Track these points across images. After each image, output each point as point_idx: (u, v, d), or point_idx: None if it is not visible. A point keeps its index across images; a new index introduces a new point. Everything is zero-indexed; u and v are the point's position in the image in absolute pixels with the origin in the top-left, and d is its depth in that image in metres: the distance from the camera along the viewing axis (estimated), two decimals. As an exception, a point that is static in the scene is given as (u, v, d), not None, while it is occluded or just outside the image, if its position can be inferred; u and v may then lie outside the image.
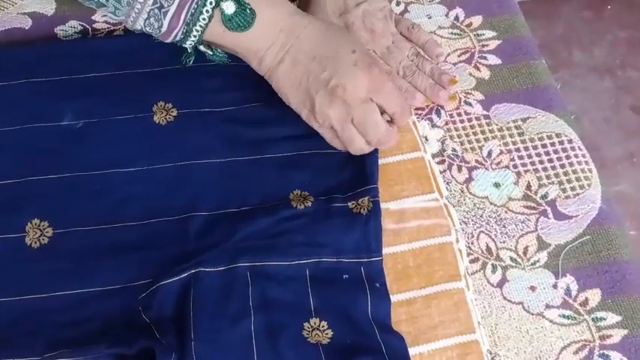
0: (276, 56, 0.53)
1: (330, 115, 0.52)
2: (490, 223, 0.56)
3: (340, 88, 0.51)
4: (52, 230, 0.53)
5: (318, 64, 0.52)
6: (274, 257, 0.51)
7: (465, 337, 0.50)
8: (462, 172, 0.58)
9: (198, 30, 0.51)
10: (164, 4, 0.50)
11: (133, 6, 0.50)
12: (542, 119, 0.61)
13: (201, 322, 0.48)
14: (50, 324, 0.50)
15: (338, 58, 0.52)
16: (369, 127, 0.53)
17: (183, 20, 0.50)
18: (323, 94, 0.52)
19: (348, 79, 0.51)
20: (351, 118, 0.52)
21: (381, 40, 0.62)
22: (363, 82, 0.52)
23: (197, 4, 0.50)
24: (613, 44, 1.59)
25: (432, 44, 0.63)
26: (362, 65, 0.52)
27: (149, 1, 0.50)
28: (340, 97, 0.51)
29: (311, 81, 0.52)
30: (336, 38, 0.54)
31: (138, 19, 0.51)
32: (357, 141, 0.53)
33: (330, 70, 0.52)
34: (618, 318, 0.51)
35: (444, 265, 0.53)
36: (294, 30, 0.53)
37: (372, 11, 0.61)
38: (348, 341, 0.49)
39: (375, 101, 0.53)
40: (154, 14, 0.50)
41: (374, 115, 0.52)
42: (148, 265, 0.52)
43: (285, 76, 0.53)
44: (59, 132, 0.58)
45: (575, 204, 0.57)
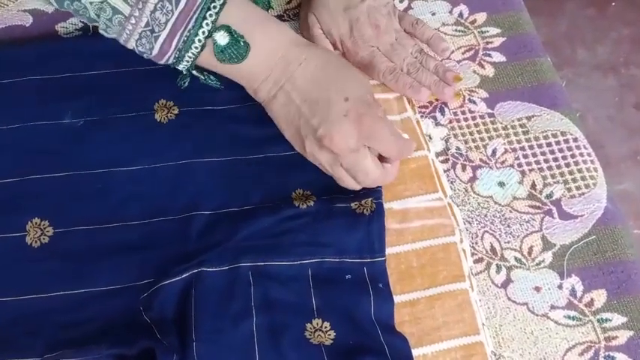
0: (269, 91, 0.53)
1: (320, 159, 0.52)
2: (494, 222, 0.55)
3: (327, 138, 0.50)
4: (52, 229, 0.53)
5: (309, 107, 0.51)
6: (277, 257, 0.51)
7: (469, 338, 0.49)
8: (466, 171, 0.58)
9: (190, 57, 0.50)
10: (155, 29, 0.48)
11: (125, 26, 0.48)
12: (547, 117, 0.60)
13: (202, 322, 0.48)
14: (51, 324, 0.50)
15: (329, 105, 0.50)
16: (359, 174, 0.52)
17: (175, 46, 0.49)
18: (311, 140, 0.51)
19: (335, 130, 0.50)
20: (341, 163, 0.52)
21: (385, 36, 0.61)
22: (352, 134, 0.50)
23: (189, 32, 0.49)
24: (617, 42, 1.59)
25: (437, 39, 0.62)
26: (352, 116, 0.50)
27: (141, 23, 0.48)
28: (327, 147, 0.50)
29: (302, 123, 0.52)
30: (331, 80, 0.52)
31: (130, 39, 0.49)
32: (346, 181, 0.53)
33: (319, 118, 0.50)
34: (624, 319, 0.51)
35: (447, 266, 0.52)
36: (289, 65, 0.52)
37: (376, 7, 0.60)
38: (351, 342, 0.48)
39: (369, 146, 0.52)
40: (145, 36, 0.49)
41: (363, 163, 0.51)
42: (150, 265, 0.52)
43: (279, 112, 0.53)
44: (60, 130, 0.58)
45: (580, 203, 0.56)
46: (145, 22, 0.48)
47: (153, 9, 0.47)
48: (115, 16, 0.48)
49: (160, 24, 0.48)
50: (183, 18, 0.48)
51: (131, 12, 0.47)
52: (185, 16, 0.48)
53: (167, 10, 0.47)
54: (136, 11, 0.47)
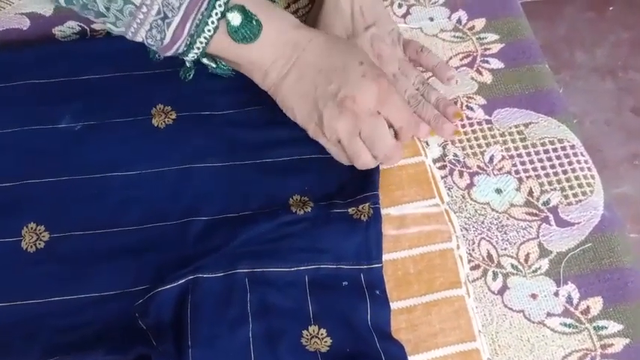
0: (281, 70, 0.52)
1: (338, 128, 0.51)
2: (491, 229, 0.55)
3: (349, 99, 0.50)
4: (48, 234, 0.53)
5: (325, 76, 0.51)
6: (274, 263, 0.51)
7: (466, 345, 0.49)
8: (463, 178, 0.58)
9: (202, 42, 0.50)
10: (168, 15, 0.48)
11: (136, 16, 0.48)
12: (545, 124, 0.60)
13: (198, 328, 0.48)
14: (46, 329, 0.49)
15: (346, 69, 0.51)
16: (377, 141, 0.52)
17: (188, 31, 0.49)
18: (331, 107, 0.51)
19: (357, 90, 0.50)
20: (359, 132, 0.51)
21: (388, 66, 0.60)
22: (372, 93, 0.51)
23: (202, 15, 0.49)
24: (615, 45, 1.59)
25: (443, 67, 0.61)
26: (370, 76, 0.51)
27: (152, 12, 0.48)
28: (349, 109, 0.50)
29: (318, 93, 0.51)
30: (342, 50, 0.53)
31: (139, 31, 0.49)
32: (363, 155, 0.52)
33: (338, 82, 0.51)
34: (620, 327, 0.51)
35: (444, 272, 0.52)
36: (299, 43, 0.52)
37: (380, 35, 0.60)
38: (348, 349, 0.48)
39: (382, 114, 0.52)
40: (156, 25, 0.48)
41: (382, 129, 0.52)
42: (146, 271, 0.51)
43: (291, 90, 0.52)
44: (57, 134, 0.58)
45: (577, 210, 0.56)
46: (157, 9, 0.48)
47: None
48: (125, 6, 0.48)
49: (174, 9, 0.48)
50: (196, 1, 0.48)
51: (142, 1, 0.47)
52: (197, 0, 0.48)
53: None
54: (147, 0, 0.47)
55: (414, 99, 0.59)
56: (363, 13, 0.60)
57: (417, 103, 0.59)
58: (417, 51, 0.62)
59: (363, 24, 0.60)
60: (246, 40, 0.50)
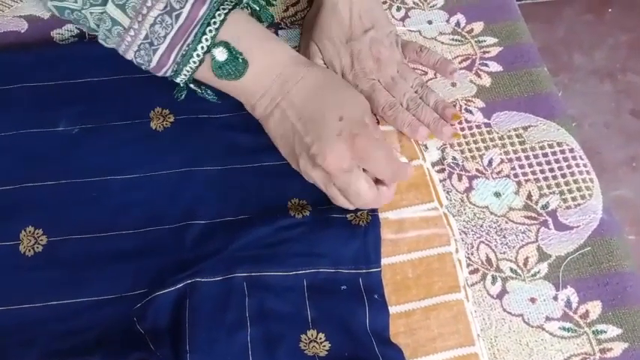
0: (266, 108, 0.53)
1: (313, 177, 0.52)
2: (490, 233, 0.55)
3: (320, 157, 0.49)
4: (46, 238, 0.53)
5: (303, 125, 0.51)
6: (272, 267, 0.51)
7: (465, 349, 0.49)
8: (462, 181, 0.58)
9: (188, 70, 0.50)
10: (154, 42, 0.48)
11: (124, 38, 0.49)
12: (544, 128, 0.60)
13: (196, 333, 0.48)
14: (44, 334, 0.49)
15: (323, 123, 0.50)
16: (351, 196, 0.51)
17: (173, 60, 0.49)
18: (305, 158, 0.51)
19: (328, 149, 0.49)
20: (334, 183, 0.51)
21: (387, 69, 0.60)
22: (344, 153, 0.49)
23: (188, 47, 0.49)
24: (614, 48, 1.59)
25: (444, 63, 0.61)
26: (345, 136, 0.49)
27: (140, 36, 0.48)
28: (320, 166, 0.50)
29: (296, 140, 0.51)
30: (327, 99, 0.52)
31: (128, 50, 0.50)
32: (340, 201, 0.52)
33: (313, 136, 0.50)
34: (619, 331, 0.51)
35: (443, 276, 0.52)
36: (286, 83, 0.52)
37: (379, 38, 0.60)
38: (346, 354, 0.48)
39: (364, 167, 0.51)
40: (144, 48, 0.49)
41: (356, 185, 0.50)
42: (144, 275, 0.51)
43: (274, 129, 0.53)
44: (55, 138, 0.57)
45: (576, 214, 0.56)
46: (144, 34, 0.48)
47: (152, 22, 0.47)
48: (114, 28, 0.48)
49: (159, 37, 0.48)
50: (183, 32, 0.48)
51: (130, 24, 0.47)
52: (184, 30, 0.48)
53: (167, 24, 0.47)
54: (135, 24, 0.47)
55: (413, 102, 0.59)
56: (361, 16, 0.60)
57: (415, 106, 0.59)
58: (417, 51, 0.62)
59: (362, 27, 0.60)
60: (230, 77, 0.50)
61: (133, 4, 0.47)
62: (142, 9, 0.47)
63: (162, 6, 0.47)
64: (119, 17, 0.47)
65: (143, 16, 0.47)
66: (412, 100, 0.59)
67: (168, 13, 0.47)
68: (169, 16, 0.47)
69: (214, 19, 0.48)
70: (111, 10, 0.47)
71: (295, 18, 0.67)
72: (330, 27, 0.60)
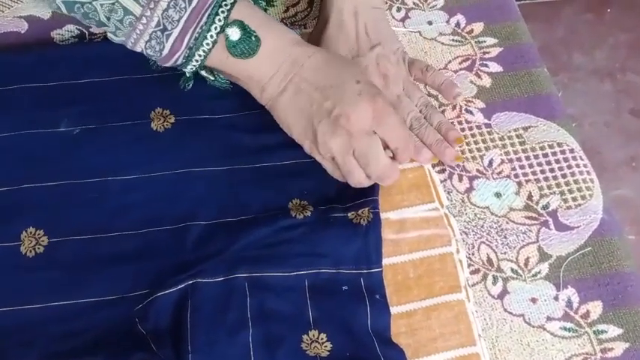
0: (279, 85, 0.52)
1: (332, 145, 0.51)
2: (491, 233, 0.55)
3: (343, 117, 0.50)
4: (47, 239, 0.53)
5: (321, 93, 0.51)
6: (273, 268, 0.51)
7: (466, 349, 0.49)
8: (462, 182, 0.58)
9: (200, 55, 0.50)
10: (167, 27, 0.49)
11: (135, 27, 0.49)
12: (544, 128, 0.60)
13: (198, 333, 0.48)
14: (45, 335, 0.49)
15: (342, 87, 0.51)
16: (370, 160, 0.51)
17: (186, 44, 0.50)
18: (325, 124, 0.50)
19: (351, 108, 0.50)
20: (353, 150, 0.51)
21: (393, 87, 0.59)
22: (367, 112, 0.50)
23: (202, 29, 0.49)
24: (613, 47, 1.59)
25: (449, 85, 0.60)
26: (366, 95, 0.50)
27: (152, 23, 0.49)
28: (343, 127, 0.50)
29: (314, 110, 0.51)
30: (340, 68, 0.53)
31: (139, 41, 0.50)
32: (356, 174, 0.52)
33: (334, 100, 0.50)
34: (620, 331, 0.51)
35: (444, 276, 0.52)
36: (298, 59, 0.52)
37: (385, 54, 0.59)
38: (348, 354, 0.48)
39: (378, 134, 0.51)
40: (155, 36, 0.49)
41: (376, 148, 0.51)
42: (145, 276, 0.51)
43: (288, 106, 0.52)
44: (56, 138, 0.57)
45: (576, 215, 0.56)
46: (156, 21, 0.48)
47: (166, 7, 0.48)
48: (125, 17, 0.48)
49: (173, 21, 0.48)
50: (196, 14, 0.48)
51: (142, 12, 0.48)
52: (197, 12, 0.48)
53: (180, 7, 0.48)
54: (147, 11, 0.48)
55: (417, 121, 0.59)
56: (368, 32, 0.60)
57: (419, 126, 0.58)
58: (422, 70, 0.61)
59: (369, 44, 0.59)
60: (244, 56, 0.51)
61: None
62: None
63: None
64: (131, 6, 0.48)
65: (155, 3, 0.48)
66: (416, 120, 0.59)
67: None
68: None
69: (225, 2, 0.49)
70: (123, 0, 0.48)
71: (296, 19, 0.67)
72: (337, 44, 0.59)
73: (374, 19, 0.60)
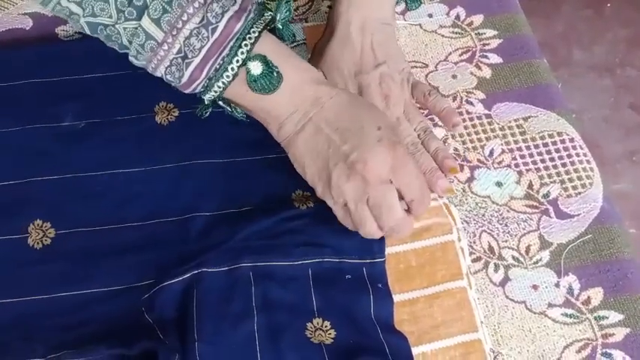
0: (297, 123, 0.51)
1: (346, 191, 0.49)
2: (492, 222, 0.56)
3: (361, 163, 0.48)
4: (54, 231, 0.54)
5: (341, 135, 0.49)
6: (277, 257, 0.51)
7: (468, 336, 0.50)
8: (463, 172, 0.58)
9: (220, 86, 0.49)
10: (188, 55, 0.47)
11: (156, 52, 0.47)
12: (544, 118, 0.61)
13: (204, 322, 0.48)
14: (52, 325, 0.50)
15: (362, 131, 0.49)
16: (384, 211, 0.49)
17: (206, 74, 0.48)
18: (341, 168, 0.49)
19: (370, 154, 0.48)
20: (367, 198, 0.49)
21: (393, 108, 0.58)
22: (386, 160, 0.49)
23: (223, 60, 0.48)
24: (613, 43, 1.60)
25: (450, 113, 0.58)
26: (386, 143, 0.49)
27: (173, 50, 0.47)
28: (359, 173, 0.48)
29: (331, 152, 0.49)
30: (361, 111, 0.51)
31: (159, 66, 0.48)
32: (368, 224, 0.49)
33: (352, 143, 0.49)
34: (620, 317, 0.51)
35: (446, 264, 0.53)
36: (320, 99, 0.50)
37: (390, 74, 0.58)
38: (351, 341, 0.49)
39: (395, 184, 0.49)
40: (176, 63, 0.48)
41: (391, 199, 0.49)
42: (150, 266, 0.52)
43: (305, 145, 0.51)
44: (61, 133, 0.58)
45: (576, 203, 0.57)
46: (178, 48, 0.47)
47: (188, 35, 0.46)
48: (147, 42, 0.47)
49: (194, 50, 0.47)
50: (219, 45, 0.47)
51: (164, 38, 0.47)
52: (220, 43, 0.47)
53: (203, 36, 0.46)
54: (169, 37, 0.46)
55: (413, 146, 0.57)
56: (374, 49, 0.58)
57: (415, 151, 0.57)
58: (425, 94, 0.59)
59: (374, 61, 0.58)
60: (264, 91, 0.49)
61: (168, 18, 0.46)
62: (178, 22, 0.46)
63: (199, 20, 0.46)
64: (153, 31, 0.46)
65: (178, 30, 0.46)
66: (413, 145, 0.57)
67: (204, 26, 0.46)
68: (206, 29, 0.46)
69: (250, 34, 0.48)
70: (146, 25, 0.46)
71: (297, 13, 0.68)
72: (341, 57, 0.58)
73: (382, 35, 0.59)
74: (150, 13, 0.46)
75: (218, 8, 0.46)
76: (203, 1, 0.46)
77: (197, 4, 0.46)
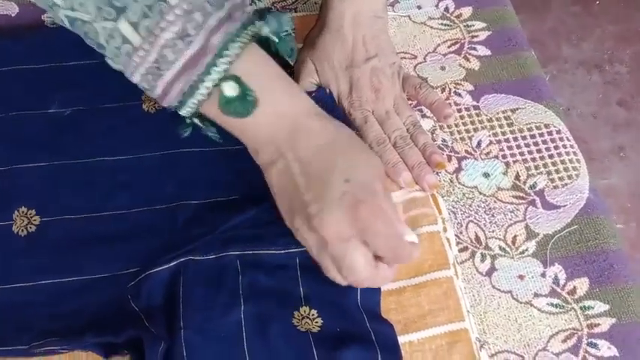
0: (271, 155, 0.47)
1: (308, 239, 0.46)
2: (479, 212, 0.56)
3: (317, 219, 0.44)
4: (39, 218, 0.53)
5: (306, 181, 0.46)
6: (264, 246, 0.51)
7: (455, 325, 0.50)
8: (451, 162, 0.58)
9: (194, 103, 0.45)
10: (161, 67, 0.44)
11: (132, 57, 0.44)
12: (532, 110, 0.61)
13: (190, 310, 0.48)
14: (37, 313, 0.50)
15: (327, 183, 0.45)
16: (345, 269, 0.45)
17: (180, 90, 0.44)
18: (302, 217, 0.46)
19: (327, 212, 0.44)
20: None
21: (383, 101, 0.58)
22: (344, 222, 0.44)
23: (197, 78, 0.44)
24: (601, 39, 1.61)
25: (441, 105, 0.58)
26: (349, 201, 0.44)
27: (149, 58, 0.43)
28: (316, 229, 0.45)
29: (295, 197, 0.46)
30: (337, 157, 0.46)
31: (135, 73, 0.45)
32: (331, 272, 0.47)
33: (313, 194, 0.45)
34: (606, 307, 0.52)
35: (432, 254, 0.53)
36: (297, 133, 0.47)
37: (381, 67, 0.58)
38: (338, 329, 0.49)
39: (362, 239, 0.45)
40: (152, 72, 0.44)
41: (352, 257, 0.45)
42: (137, 254, 0.52)
43: (274, 180, 0.48)
44: (46, 120, 0.58)
45: (563, 194, 0.57)
46: (154, 57, 0.43)
47: (164, 44, 0.43)
48: (123, 46, 0.43)
49: (167, 62, 0.43)
50: (193, 61, 0.43)
51: (141, 44, 0.43)
52: (195, 59, 0.43)
53: (178, 48, 0.43)
54: (146, 44, 0.43)
55: (402, 140, 0.57)
56: (366, 42, 0.58)
57: (403, 145, 0.56)
58: (416, 87, 0.59)
59: (365, 54, 0.58)
60: (237, 115, 0.45)
61: (146, 23, 0.42)
62: (155, 29, 0.42)
63: (177, 29, 0.42)
64: (130, 35, 0.43)
65: (155, 37, 0.43)
66: (401, 139, 0.57)
67: (181, 37, 0.43)
68: (182, 40, 0.43)
69: (228, 52, 0.43)
70: (123, 27, 0.43)
71: (286, 3, 0.67)
72: (332, 50, 0.58)
73: (374, 29, 0.58)
74: (129, 16, 0.42)
75: (199, 17, 0.43)
76: (186, 8, 0.42)
77: (178, 11, 0.42)
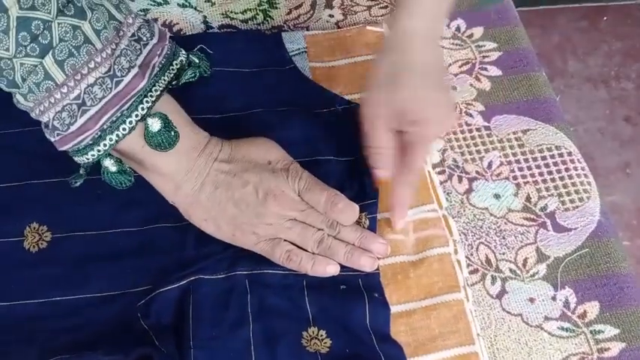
0: (195, 181, 0.51)
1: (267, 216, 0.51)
2: (490, 234, 0.56)
3: (270, 195, 0.51)
4: (50, 235, 0.53)
5: (240, 179, 0.51)
6: (272, 266, 0.51)
7: (465, 348, 0.50)
8: (462, 183, 0.58)
9: (112, 139, 0.47)
10: (87, 102, 0.46)
11: (52, 94, 0.45)
12: (542, 131, 0.61)
13: (200, 329, 0.48)
14: (47, 330, 0.50)
15: (256, 168, 0.52)
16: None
17: (101, 125, 0.47)
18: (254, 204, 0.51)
19: (274, 183, 0.51)
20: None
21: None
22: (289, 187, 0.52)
23: (122, 113, 0.47)
24: (608, 55, 1.61)
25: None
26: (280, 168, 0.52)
27: (71, 95, 0.45)
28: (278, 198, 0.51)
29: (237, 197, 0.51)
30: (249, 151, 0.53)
31: (48, 111, 0.46)
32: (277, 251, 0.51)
33: (254, 181, 0.51)
34: (616, 331, 0.52)
35: (443, 277, 0.53)
36: (211, 153, 0.52)
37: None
38: (347, 350, 0.49)
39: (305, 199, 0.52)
40: (69, 109, 0.46)
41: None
42: (147, 272, 0.52)
43: (209, 201, 0.51)
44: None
45: (574, 216, 0.57)
46: (77, 94, 0.46)
47: (92, 82, 0.45)
48: (44, 82, 0.45)
49: (95, 98, 0.46)
50: (120, 98, 0.47)
51: (65, 81, 0.45)
52: (121, 97, 0.47)
53: (107, 86, 0.46)
54: (70, 81, 0.45)
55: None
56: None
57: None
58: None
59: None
60: (161, 148, 0.49)
61: (73, 62, 0.45)
62: (83, 68, 0.45)
63: (105, 70, 0.46)
64: (54, 72, 0.45)
65: (83, 76, 0.45)
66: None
67: (110, 77, 0.46)
68: (111, 79, 0.46)
69: (151, 93, 0.48)
70: (48, 64, 0.44)
71: (298, 21, 0.68)
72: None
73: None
74: (55, 54, 0.44)
75: (125, 62, 0.46)
76: (111, 52, 0.46)
77: (105, 55, 0.46)
